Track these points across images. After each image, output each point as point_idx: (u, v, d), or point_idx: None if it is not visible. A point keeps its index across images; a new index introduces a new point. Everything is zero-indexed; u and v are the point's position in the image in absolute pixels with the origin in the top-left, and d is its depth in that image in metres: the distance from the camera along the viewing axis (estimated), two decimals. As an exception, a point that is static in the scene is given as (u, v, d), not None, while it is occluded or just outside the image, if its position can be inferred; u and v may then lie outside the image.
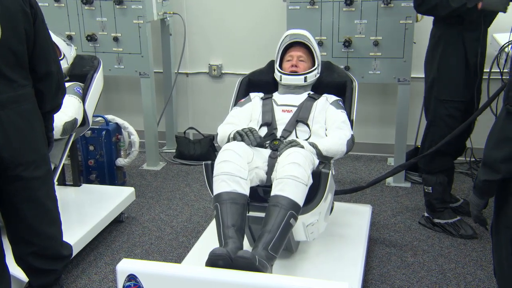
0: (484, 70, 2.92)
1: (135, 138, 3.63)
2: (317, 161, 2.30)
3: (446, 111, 2.91)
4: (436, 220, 3.04)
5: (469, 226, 2.98)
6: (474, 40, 2.82)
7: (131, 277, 1.86)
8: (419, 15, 3.41)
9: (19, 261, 2.24)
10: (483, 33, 2.83)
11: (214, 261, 1.87)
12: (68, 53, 3.11)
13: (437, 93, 2.93)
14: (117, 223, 3.22)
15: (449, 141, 2.86)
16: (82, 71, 3.10)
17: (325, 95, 2.63)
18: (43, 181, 2.15)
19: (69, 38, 3.92)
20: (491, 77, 2.75)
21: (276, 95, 2.67)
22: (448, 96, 2.90)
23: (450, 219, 3.02)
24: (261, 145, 2.37)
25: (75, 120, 2.82)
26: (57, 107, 2.24)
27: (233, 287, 1.80)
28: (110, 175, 3.63)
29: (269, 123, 2.52)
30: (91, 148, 3.57)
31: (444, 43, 2.87)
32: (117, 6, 3.77)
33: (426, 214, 3.11)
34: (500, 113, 1.61)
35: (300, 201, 2.09)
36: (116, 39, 3.86)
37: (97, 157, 3.59)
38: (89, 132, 3.47)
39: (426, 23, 3.26)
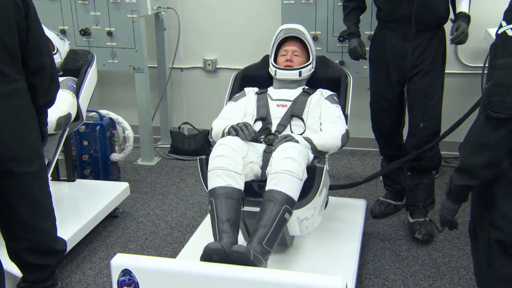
0: (478, 65, 2.93)
1: (130, 133, 3.62)
2: (311, 156, 2.30)
3: (370, 100, 3.07)
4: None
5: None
6: (398, 40, 2.77)
7: (126, 272, 1.85)
8: None
9: (12, 256, 2.23)
10: (409, 35, 2.75)
11: (208, 255, 1.87)
12: (61, 48, 3.09)
13: (369, 82, 3.09)
14: (112, 218, 3.22)
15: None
16: (76, 66, 3.08)
17: (319, 89, 2.63)
18: (36, 176, 2.14)
19: (63, 32, 3.89)
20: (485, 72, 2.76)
21: (270, 90, 2.67)
22: (371, 87, 3.04)
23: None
24: (255, 139, 2.37)
25: (69, 114, 2.80)
26: (51, 101, 2.22)
27: (228, 282, 1.80)
28: (105, 170, 3.62)
29: (263, 117, 2.52)
30: (85, 143, 3.56)
31: (373, 38, 2.97)
32: (111, 1, 3.74)
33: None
34: (477, 119, 1.59)
35: (295, 196, 2.09)
36: (110, 33, 3.84)
37: (91, 152, 3.58)
38: (83, 127, 3.46)
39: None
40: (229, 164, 2.12)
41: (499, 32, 1.58)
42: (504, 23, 1.57)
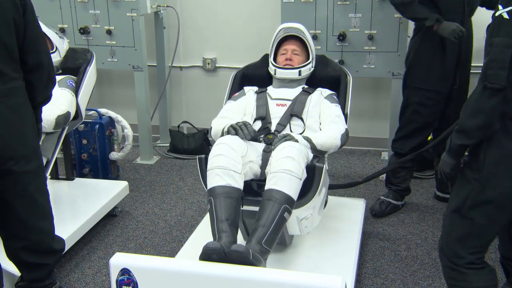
0: (478, 65, 2.92)
1: (129, 132, 3.61)
2: (311, 155, 2.30)
3: (417, 98, 3.00)
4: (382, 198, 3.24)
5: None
6: None
7: (125, 271, 1.85)
8: None
9: (10, 255, 2.22)
10: (464, 22, 2.86)
11: (207, 255, 1.86)
12: (60, 46, 3.09)
13: (411, 80, 3.03)
14: (111, 217, 3.21)
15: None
16: (75, 64, 3.08)
17: (319, 89, 2.62)
18: (34, 175, 2.13)
19: (62, 31, 3.89)
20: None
21: (270, 89, 2.66)
22: (421, 84, 2.98)
23: (394, 200, 3.20)
24: (255, 139, 2.36)
25: (68, 113, 2.80)
26: (47, 98, 2.21)
27: (227, 281, 1.80)
28: (104, 169, 3.62)
29: (263, 117, 2.51)
30: (84, 141, 3.56)
31: (422, 32, 2.94)
32: (110, -1, 3.75)
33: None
34: (476, 88, 1.83)
35: (294, 195, 2.09)
36: (109, 32, 3.83)
37: (90, 151, 3.57)
38: (82, 125, 3.45)
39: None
40: (229, 163, 2.12)
41: (496, 14, 1.76)
42: (500, 7, 1.75)
